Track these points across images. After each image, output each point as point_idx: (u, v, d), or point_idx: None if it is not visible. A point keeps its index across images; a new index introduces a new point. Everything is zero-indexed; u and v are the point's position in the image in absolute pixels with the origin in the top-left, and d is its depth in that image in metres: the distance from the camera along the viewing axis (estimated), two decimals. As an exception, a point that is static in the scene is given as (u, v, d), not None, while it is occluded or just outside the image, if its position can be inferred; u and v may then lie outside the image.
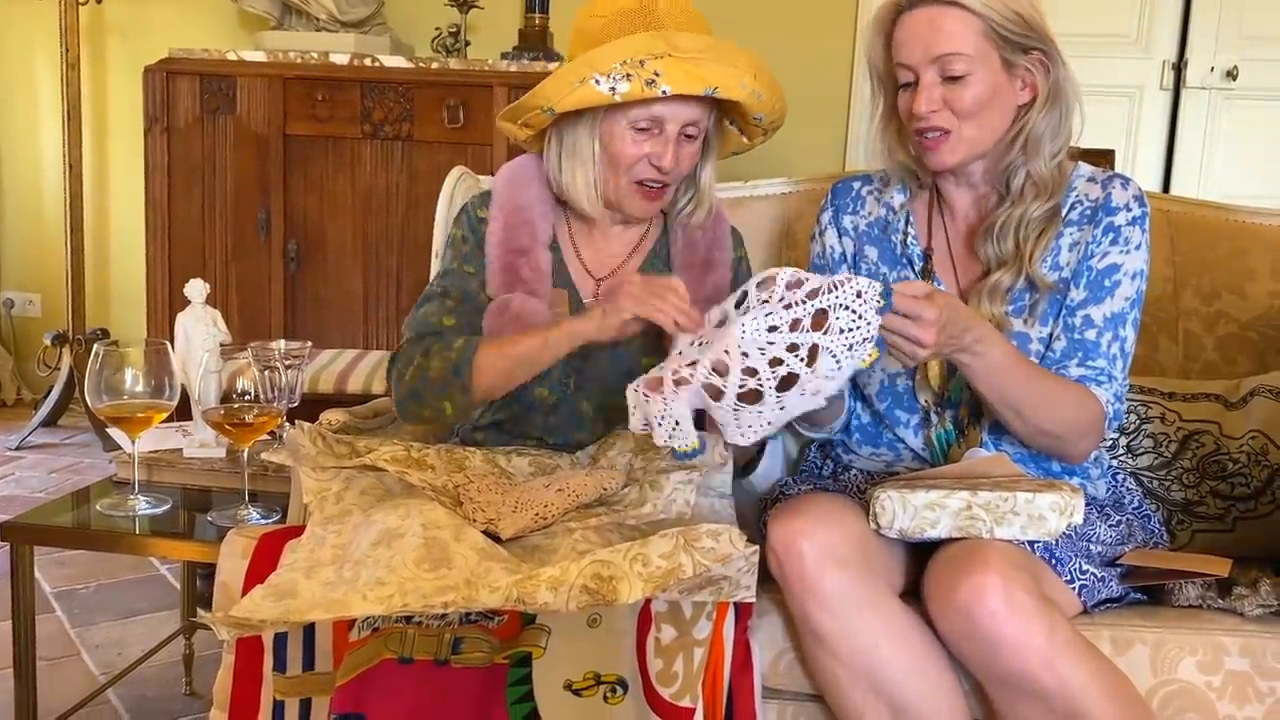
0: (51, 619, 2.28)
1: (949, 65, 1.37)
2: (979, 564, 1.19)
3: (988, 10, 1.36)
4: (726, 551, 1.14)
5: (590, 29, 1.43)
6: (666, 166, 1.43)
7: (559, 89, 1.40)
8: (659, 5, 1.40)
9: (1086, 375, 1.39)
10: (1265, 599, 1.33)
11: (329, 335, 3.14)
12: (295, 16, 3.37)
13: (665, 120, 1.41)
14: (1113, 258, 1.42)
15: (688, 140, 1.44)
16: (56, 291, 3.75)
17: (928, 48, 1.37)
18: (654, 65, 1.34)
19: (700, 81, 1.36)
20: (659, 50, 1.35)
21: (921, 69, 1.39)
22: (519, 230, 1.50)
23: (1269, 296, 1.75)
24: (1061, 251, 1.44)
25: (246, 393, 1.57)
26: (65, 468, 3.27)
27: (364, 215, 3.17)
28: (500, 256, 1.49)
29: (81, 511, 1.73)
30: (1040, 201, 1.43)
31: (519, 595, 1.07)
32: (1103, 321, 1.41)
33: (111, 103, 3.81)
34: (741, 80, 1.40)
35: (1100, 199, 1.45)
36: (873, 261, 1.54)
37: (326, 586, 1.14)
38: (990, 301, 1.43)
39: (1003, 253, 1.43)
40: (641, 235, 1.57)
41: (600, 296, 1.36)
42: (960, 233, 1.51)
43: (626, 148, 1.43)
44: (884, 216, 1.55)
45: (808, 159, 3.34)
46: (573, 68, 1.39)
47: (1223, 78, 3.31)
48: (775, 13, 3.47)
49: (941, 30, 1.37)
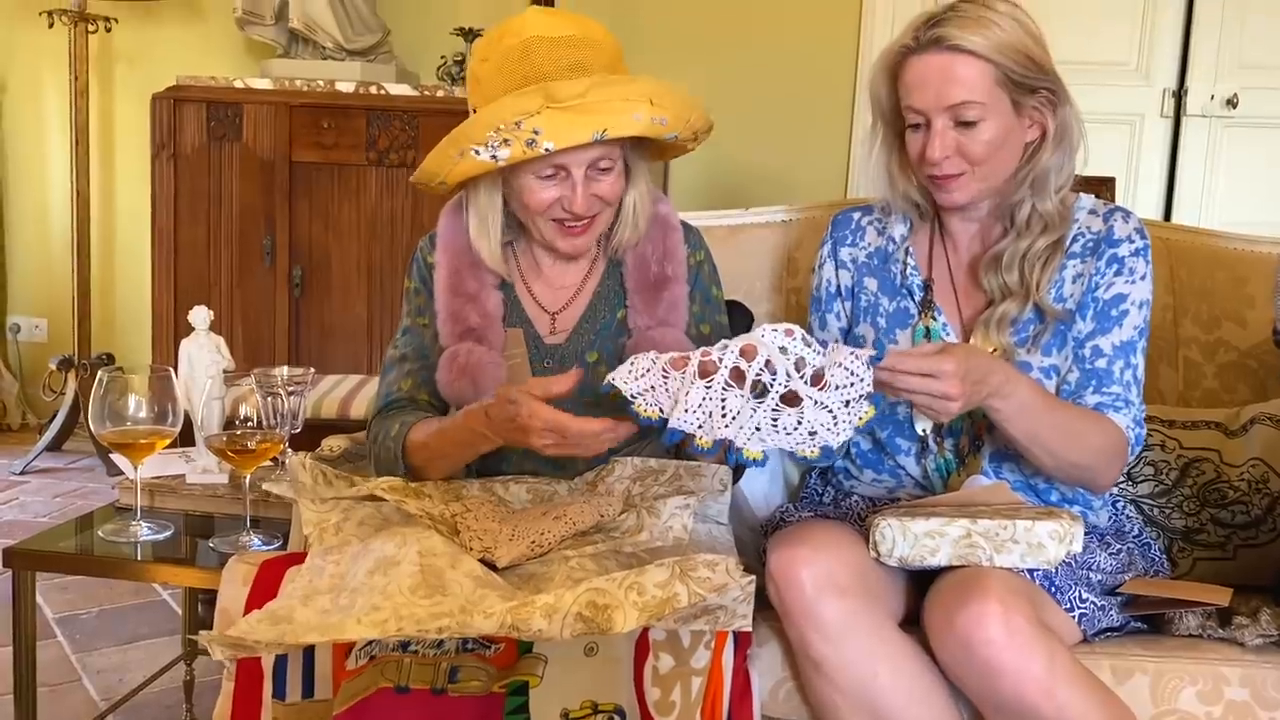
0: (53, 644, 2.28)
1: (962, 112, 1.37)
2: (978, 592, 1.19)
3: (1000, 56, 1.35)
4: (723, 581, 1.14)
5: (482, 74, 1.37)
6: (579, 209, 1.38)
7: (442, 163, 1.37)
8: (538, 49, 1.32)
9: (1104, 402, 1.40)
10: (1266, 629, 1.32)
11: (333, 361, 3.15)
12: (302, 45, 3.41)
13: (569, 164, 1.36)
14: (1118, 287, 1.43)
15: (602, 174, 1.38)
16: (63, 316, 3.78)
17: (940, 96, 1.36)
18: (531, 123, 1.28)
19: (585, 128, 1.29)
20: (533, 107, 1.28)
21: (933, 115, 1.38)
22: (464, 274, 1.46)
23: (1269, 324, 1.75)
24: (1065, 283, 1.45)
25: (249, 419, 1.58)
26: (69, 492, 3.28)
27: (368, 241, 3.19)
28: (447, 304, 1.45)
29: (84, 537, 1.74)
30: (1045, 235, 1.44)
31: (513, 622, 1.07)
32: (1112, 350, 1.42)
33: (119, 129, 3.85)
34: (635, 113, 1.32)
35: (1102, 231, 1.46)
36: (872, 292, 1.54)
37: (323, 614, 1.14)
38: (997, 332, 1.44)
39: (1009, 283, 1.44)
40: (591, 262, 1.53)
41: (495, 413, 1.28)
42: (963, 263, 1.52)
43: (535, 196, 1.38)
44: (884, 247, 1.55)
45: (810, 186, 3.36)
46: (449, 141, 1.35)
47: (1223, 105, 3.32)
48: (777, 40, 3.49)
49: (954, 78, 1.36)
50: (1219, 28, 3.30)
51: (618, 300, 1.51)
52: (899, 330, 1.51)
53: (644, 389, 1.20)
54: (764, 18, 3.49)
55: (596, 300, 1.52)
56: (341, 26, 3.34)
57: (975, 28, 1.35)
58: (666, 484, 1.41)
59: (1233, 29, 3.30)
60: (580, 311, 1.51)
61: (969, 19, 1.36)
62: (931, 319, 1.49)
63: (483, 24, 3.43)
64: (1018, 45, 1.36)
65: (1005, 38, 1.36)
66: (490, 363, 1.41)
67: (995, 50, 1.35)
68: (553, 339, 1.50)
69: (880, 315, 1.53)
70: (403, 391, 1.48)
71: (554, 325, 1.51)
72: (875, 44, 3.45)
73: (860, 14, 3.46)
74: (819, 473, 1.62)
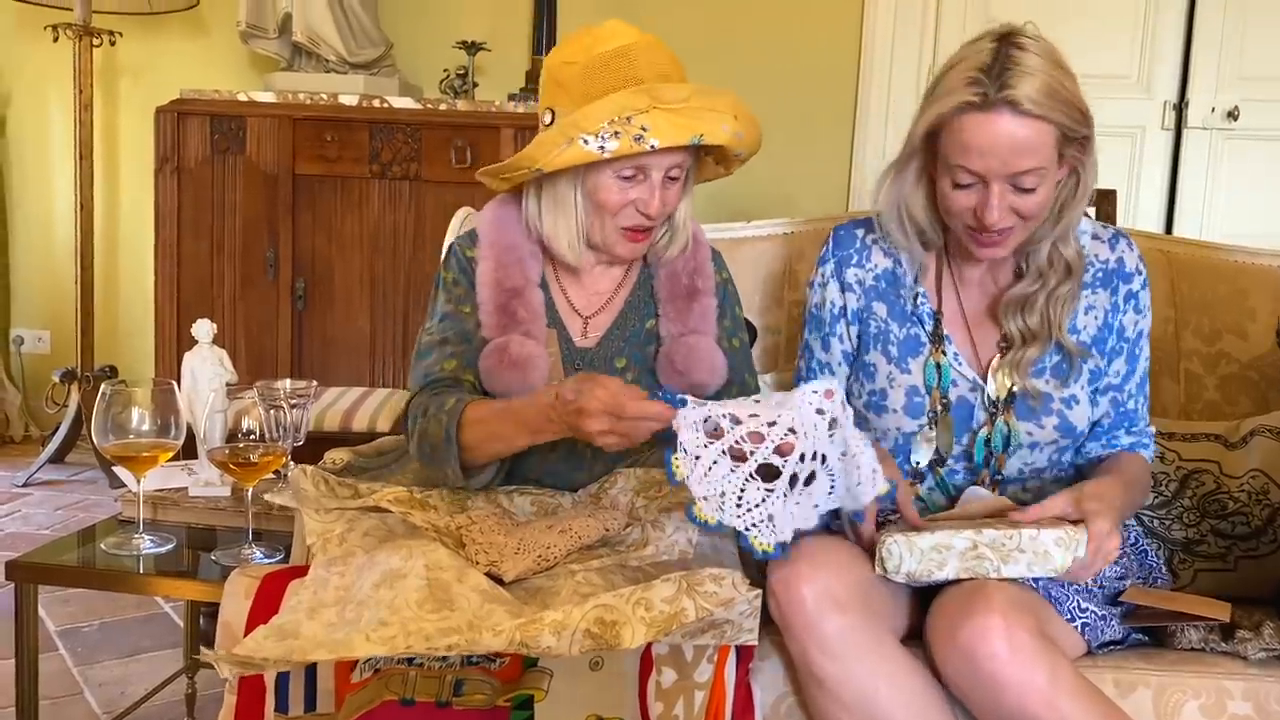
0: (55, 657, 2.28)
1: (1024, 180, 1.32)
2: (981, 605, 1.19)
3: (1062, 116, 1.31)
4: (729, 595, 1.14)
5: (566, 77, 1.42)
6: (654, 213, 1.43)
7: (546, 150, 1.40)
8: (636, 55, 1.40)
9: (1136, 442, 1.49)
10: (1268, 642, 1.32)
11: (335, 373, 3.16)
12: (305, 58, 3.42)
13: (650, 168, 1.41)
14: (1140, 324, 1.50)
15: (671, 182, 1.45)
16: (66, 329, 3.79)
17: (1005, 163, 1.31)
18: (640, 120, 1.35)
19: (686, 131, 1.37)
20: (644, 105, 1.35)
21: (993, 180, 1.33)
22: (510, 270, 1.49)
23: (1270, 336, 1.75)
24: (1078, 314, 1.47)
25: (252, 432, 1.58)
26: (72, 505, 3.28)
27: (371, 254, 3.20)
28: (494, 297, 1.47)
29: (86, 550, 1.74)
30: (1071, 279, 1.43)
31: (522, 639, 1.07)
32: (1136, 389, 1.50)
33: (123, 142, 3.87)
34: (724, 124, 1.40)
35: (1112, 262, 1.48)
36: (882, 318, 1.52)
37: (329, 628, 1.14)
38: (1019, 374, 1.44)
39: (1030, 326, 1.44)
40: (625, 270, 1.57)
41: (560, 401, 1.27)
42: (972, 289, 1.51)
43: (612, 196, 1.42)
44: (892, 269, 1.53)
45: (811, 198, 3.37)
46: (559, 129, 1.39)
47: (1223, 118, 3.33)
48: (778, 53, 3.51)
49: (1024, 147, 1.30)
50: (1219, 41, 3.32)
51: (648, 309, 1.54)
52: (911, 359, 1.49)
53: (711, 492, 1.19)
54: (765, 30, 3.51)
55: (628, 308, 1.55)
56: (344, 40, 3.36)
57: (1041, 87, 1.29)
58: (670, 496, 1.41)
59: (1233, 42, 3.31)
60: (612, 318, 1.54)
61: (1032, 75, 1.29)
62: (941, 353, 1.48)
63: (485, 38, 3.45)
64: (1072, 99, 1.32)
65: (1064, 94, 1.31)
66: (539, 356, 1.44)
67: (1059, 110, 1.30)
68: (583, 343, 1.53)
69: (891, 343, 1.51)
70: (446, 371, 1.46)
71: (585, 329, 1.54)
72: (876, 56, 3.46)
73: (861, 26, 3.48)
74: None
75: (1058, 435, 1.45)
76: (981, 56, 1.32)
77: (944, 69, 1.37)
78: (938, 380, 1.47)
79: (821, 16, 3.51)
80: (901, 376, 1.48)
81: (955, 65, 1.35)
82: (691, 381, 1.47)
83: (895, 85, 3.49)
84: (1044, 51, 1.32)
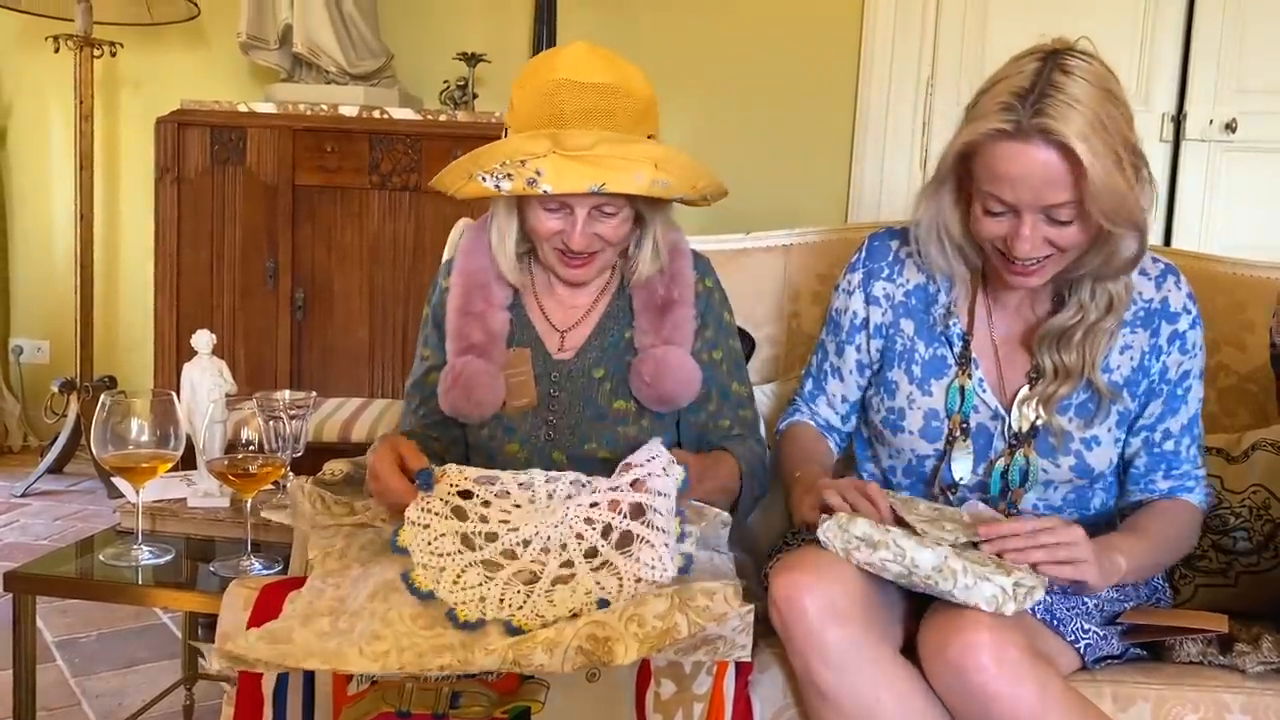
0: (52, 668, 2.27)
1: (1058, 213, 1.26)
2: (970, 621, 1.19)
3: (1104, 152, 1.22)
4: (722, 610, 1.13)
5: (515, 100, 1.44)
6: (576, 247, 1.44)
7: (454, 180, 1.45)
8: (565, 94, 1.37)
9: (1175, 486, 1.44)
10: (1267, 656, 1.32)
11: (335, 384, 3.16)
12: (305, 69, 3.43)
13: (572, 204, 1.41)
14: (1185, 365, 1.44)
15: (605, 216, 1.43)
16: (65, 339, 3.79)
17: (1038, 195, 1.25)
18: (535, 164, 1.36)
19: (584, 179, 1.35)
20: (541, 150, 1.35)
21: (1026, 211, 1.27)
22: (473, 295, 1.52)
23: (1268, 349, 1.75)
24: (1113, 353, 1.42)
25: (251, 443, 1.58)
26: (70, 515, 3.28)
27: (371, 265, 3.20)
28: (454, 321, 1.52)
29: (84, 561, 1.74)
30: (1112, 315, 1.38)
31: (515, 658, 1.07)
32: (1179, 430, 1.44)
33: (123, 153, 3.88)
34: (636, 174, 1.36)
35: (1156, 301, 1.43)
36: (909, 336, 1.49)
37: (322, 637, 1.14)
38: (1046, 410, 1.40)
39: (1066, 362, 1.39)
40: (604, 284, 1.57)
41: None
42: (1006, 314, 1.47)
43: (540, 224, 1.45)
44: (925, 286, 1.49)
45: (811, 211, 3.37)
46: (461, 164, 1.43)
47: (1222, 130, 3.34)
48: (778, 65, 3.52)
49: (1058, 180, 1.23)
50: (1217, 53, 3.33)
51: (625, 320, 1.55)
52: (934, 380, 1.46)
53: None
54: (764, 42, 3.52)
55: (606, 318, 1.55)
56: (345, 51, 3.37)
57: (1081, 117, 1.21)
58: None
59: (1231, 54, 3.32)
60: (590, 330, 1.55)
61: (1073, 104, 1.21)
62: (967, 377, 1.45)
63: (485, 49, 3.46)
64: (1118, 132, 1.23)
65: (1110, 127, 1.23)
66: (485, 374, 1.48)
67: (1101, 144, 1.21)
68: (561, 355, 1.54)
69: (915, 363, 1.48)
70: (413, 429, 1.55)
71: (563, 343, 1.55)
72: (875, 68, 3.47)
73: (861, 38, 3.49)
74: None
75: (1073, 475, 1.43)
76: (1022, 79, 1.25)
77: (986, 86, 1.30)
78: (960, 404, 1.44)
79: (820, 28, 3.52)
80: (922, 398, 1.46)
81: (996, 84, 1.28)
82: (660, 393, 1.47)
83: (894, 96, 3.50)
84: (1094, 76, 1.24)
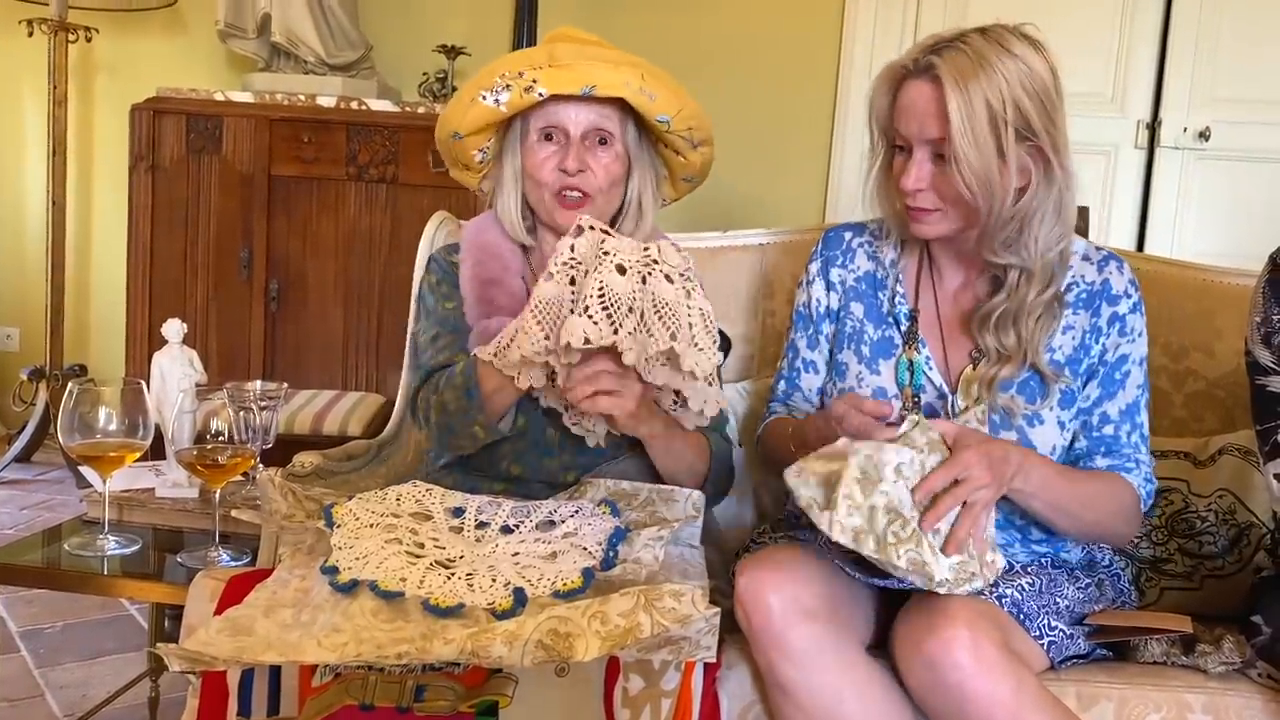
0: (16, 659, 2.25)
1: (939, 147, 1.35)
2: (946, 618, 1.19)
3: (987, 101, 1.30)
4: (687, 613, 1.12)
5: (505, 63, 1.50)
6: (570, 168, 1.47)
7: (458, 113, 1.50)
8: (557, 42, 1.48)
9: (1114, 464, 1.43)
10: (1228, 656, 1.34)
11: (308, 375, 3.14)
12: (284, 59, 3.40)
13: (566, 125, 1.47)
14: (1122, 349, 1.45)
15: (600, 146, 1.49)
16: (35, 326, 3.75)
17: (922, 127, 1.35)
18: (531, 75, 1.44)
19: (575, 82, 1.43)
20: (537, 62, 1.44)
21: (914, 144, 1.37)
22: (489, 264, 1.54)
23: (1236, 355, 1.76)
24: (1055, 334, 1.43)
25: (220, 433, 1.57)
26: (37, 504, 3.25)
27: (346, 256, 3.19)
28: (474, 289, 1.52)
29: (50, 550, 1.72)
30: (1039, 293, 1.40)
31: (473, 649, 1.06)
32: (1118, 415, 1.44)
33: (98, 140, 3.83)
34: (625, 79, 1.45)
35: (1098, 284, 1.45)
36: (858, 318, 1.52)
37: (284, 628, 1.13)
38: (986, 390, 1.42)
39: (1004, 346, 1.41)
40: None
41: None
42: (949, 296, 1.50)
43: (536, 159, 1.49)
44: (873, 271, 1.54)
45: (788, 209, 3.38)
46: (464, 91, 1.49)
47: (1195, 138, 3.38)
48: (756, 64, 3.52)
49: (937, 114, 1.32)
50: (1192, 62, 3.36)
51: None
52: (882, 360, 1.49)
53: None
54: (744, 41, 3.53)
55: None
56: (324, 41, 3.35)
57: (970, 69, 1.31)
58: (640, 508, 1.40)
59: (1205, 63, 3.36)
60: None
61: (968, 57, 1.31)
62: (915, 351, 1.48)
63: (465, 42, 3.45)
64: (1010, 97, 1.31)
65: (1000, 85, 1.30)
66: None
67: (983, 92, 1.30)
68: None
69: (864, 343, 1.50)
70: (443, 361, 1.50)
71: None
72: (855, 67, 3.49)
73: (840, 37, 3.50)
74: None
75: None
76: (950, 35, 1.36)
77: None
78: (910, 378, 1.47)
79: (800, 28, 3.52)
80: (871, 377, 1.48)
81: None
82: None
83: (873, 98, 3.51)
84: (1011, 46, 1.32)
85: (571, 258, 1.28)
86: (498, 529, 1.32)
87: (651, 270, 1.26)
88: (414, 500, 1.38)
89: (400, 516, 1.31)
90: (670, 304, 1.26)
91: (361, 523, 1.29)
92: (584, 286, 1.24)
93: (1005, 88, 1.31)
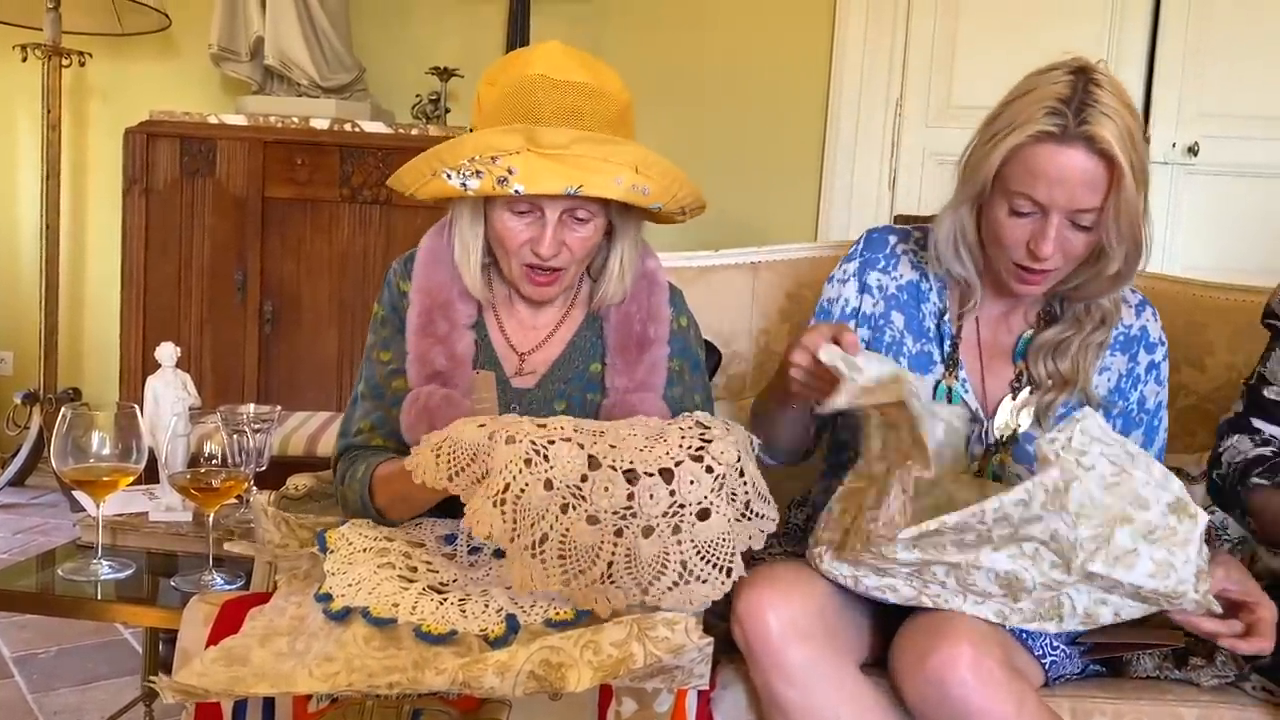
0: (9, 684, 2.24)
1: (1082, 217, 1.30)
2: (949, 634, 1.20)
3: (1130, 164, 1.27)
4: (680, 642, 1.10)
5: (484, 99, 1.36)
6: (545, 254, 1.35)
7: (414, 178, 1.36)
8: (544, 90, 1.29)
9: None
10: (1221, 670, 1.34)
11: (302, 397, 3.14)
12: (277, 82, 3.42)
13: (543, 205, 1.33)
14: (1160, 397, 1.48)
15: (578, 223, 1.36)
16: (29, 350, 3.75)
17: (1073, 198, 1.29)
18: (507, 162, 1.27)
19: (560, 179, 1.27)
20: (514, 146, 1.27)
21: (1053, 212, 1.30)
22: (435, 315, 1.43)
23: (1226, 369, 1.78)
24: (1094, 373, 1.45)
25: (214, 457, 1.57)
26: (31, 528, 3.24)
27: (340, 278, 3.19)
28: (416, 345, 1.42)
29: (44, 575, 1.72)
30: (1103, 328, 1.43)
31: (465, 679, 1.05)
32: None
33: (91, 163, 3.84)
34: (616, 177, 1.29)
35: (1135, 329, 1.47)
36: (898, 329, 1.49)
37: (278, 657, 1.13)
38: (1029, 417, 1.42)
39: (1062, 372, 1.43)
40: (568, 307, 1.50)
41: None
42: (990, 321, 1.49)
43: (507, 232, 1.36)
44: (917, 283, 1.51)
45: (780, 229, 3.39)
46: (424, 159, 1.34)
47: (1184, 153, 3.40)
48: (747, 83, 3.54)
49: (1094, 184, 1.28)
50: (1180, 77, 3.39)
51: (594, 352, 1.48)
52: (919, 375, 1.46)
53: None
54: (735, 60, 3.54)
55: (572, 350, 1.48)
56: (317, 64, 3.36)
57: (1117, 129, 1.27)
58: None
59: (1194, 79, 3.38)
60: (553, 357, 1.47)
61: (1111, 115, 1.27)
62: (954, 379, 1.47)
63: (458, 64, 3.46)
64: (1140, 147, 1.29)
65: (1136, 140, 1.29)
66: (451, 404, 1.37)
67: (1130, 155, 1.27)
68: (520, 381, 1.46)
69: (903, 355, 1.48)
70: (361, 435, 1.45)
71: (521, 366, 1.47)
72: (845, 87, 3.51)
73: (831, 58, 3.52)
74: (798, 506, 1.61)
75: None
76: (1060, 88, 1.29)
77: (1012, 97, 1.34)
78: (948, 400, 1.46)
79: (791, 47, 3.54)
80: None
81: (1026, 94, 1.32)
82: None
83: (864, 116, 3.53)
84: (1119, 92, 1.30)
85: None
86: (490, 553, 1.32)
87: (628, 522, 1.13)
88: (405, 528, 1.38)
89: (394, 540, 1.31)
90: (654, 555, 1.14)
91: (355, 547, 1.29)
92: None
93: (1143, 149, 1.30)
